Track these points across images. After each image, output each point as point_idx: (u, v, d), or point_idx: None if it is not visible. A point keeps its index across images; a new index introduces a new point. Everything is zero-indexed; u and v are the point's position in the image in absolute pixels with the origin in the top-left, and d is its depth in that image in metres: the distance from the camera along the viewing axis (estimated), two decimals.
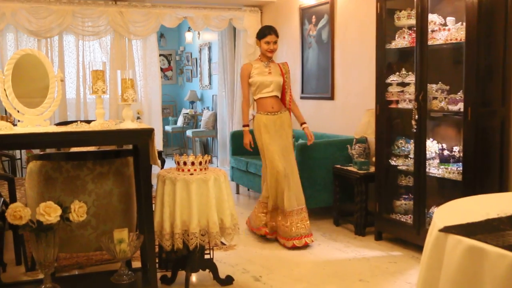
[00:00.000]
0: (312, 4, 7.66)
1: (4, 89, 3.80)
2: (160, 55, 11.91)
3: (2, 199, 4.55)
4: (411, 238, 5.19)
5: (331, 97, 7.35)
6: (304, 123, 5.92)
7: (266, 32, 5.66)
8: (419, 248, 5.06)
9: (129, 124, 3.95)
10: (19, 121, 3.90)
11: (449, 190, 4.96)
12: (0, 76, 3.81)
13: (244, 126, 5.86)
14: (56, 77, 3.97)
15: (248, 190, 8.16)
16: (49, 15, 8.01)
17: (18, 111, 3.85)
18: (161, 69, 12.26)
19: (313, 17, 7.69)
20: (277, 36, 5.73)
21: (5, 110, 3.98)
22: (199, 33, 11.89)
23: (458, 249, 2.07)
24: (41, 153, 4.82)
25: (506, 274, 1.88)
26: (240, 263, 4.99)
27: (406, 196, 5.44)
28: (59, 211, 3.69)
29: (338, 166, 6.24)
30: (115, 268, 4.17)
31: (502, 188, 4.73)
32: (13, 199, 4.60)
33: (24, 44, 8.23)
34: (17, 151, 7.63)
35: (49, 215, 3.66)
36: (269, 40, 5.61)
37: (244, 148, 7.99)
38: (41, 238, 3.73)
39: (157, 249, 4.19)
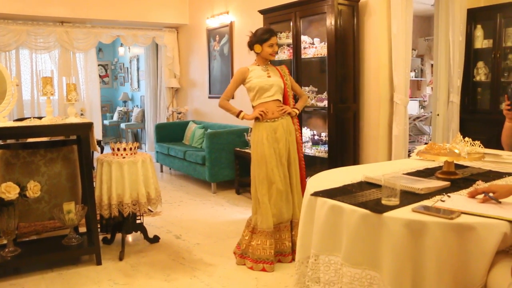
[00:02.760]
0: (216, 27, 7.66)
1: None
2: (99, 65, 11.50)
3: None
4: None
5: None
6: (294, 107, 4.07)
7: (268, 36, 3.97)
8: None
9: (73, 119, 3.86)
10: None
11: (319, 165, 5.09)
12: None
13: (239, 113, 4.10)
14: (12, 82, 3.82)
15: (170, 169, 8.09)
16: (8, 33, 7.70)
17: None
18: (100, 76, 11.85)
19: (217, 36, 7.69)
20: (277, 37, 4.17)
21: None
22: (129, 48, 11.64)
23: (324, 208, 2.14)
24: (2, 143, 4.60)
25: (357, 223, 1.98)
26: (165, 226, 4.96)
27: None
28: (17, 190, 3.59)
29: (238, 149, 6.29)
30: (65, 233, 4.08)
31: (355, 162, 4.94)
32: None
33: None
34: None
35: (9, 192, 3.54)
36: (273, 43, 3.98)
37: (166, 136, 8.00)
38: (3, 212, 3.61)
39: (98, 217, 4.10)
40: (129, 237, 4.54)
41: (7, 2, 7.18)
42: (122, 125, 11.70)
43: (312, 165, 5.17)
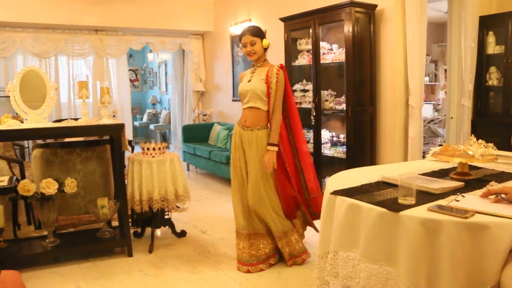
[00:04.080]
0: (239, 34, 7.65)
1: (14, 96, 3.70)
2: (130, 70, 11.69)
3: (15, 177, 4.42)
4: None
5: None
6: (271, 144, 3.42)
7: (240, 35, 3.58)
8: None
9: (106, 121, 3.91)
10: (25, 119, 3.81)
11: (337, 165, 5.06)
12: (11, 86, 3.71)
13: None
14: (52, 86, 3.88)
15: (196, 168, 8.13)
16: (48, 42, 7.87)
17: (24, 112, 3.75)
18: (130, 80, 11.99)
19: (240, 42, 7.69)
20: (254, 35, 3.49)
21: (15, 111, 3.86)
22: (158, 54, 11.72)
23: (343, 206, 2.14)
24: (42, 142, 4.70)
25: (374, 221, 1.98)
26: (191, 221, 4.97)
27: None
28: (56, 185, 3.66)
29: None
30: (99, 227, 4.14)
31: (372, 163, 4.90)
32: (23, 177, 4.50)
33: (30, 63, 8.02)
34: (25, 141, 7.38)
35: (49, 188, 3.62)
36: (244, 42, 3.49)
37: (192, 136, 8.03)
38: (44, 205, 3.68)
39: (129, 212, 4.16)
40: (158, 231, 4.58)
41: (48, 13, 7.32)
42: (151, 126, 11.82)
43: (330, 165, 5.15)
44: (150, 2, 8.11)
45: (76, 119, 4.12)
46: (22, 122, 3.81)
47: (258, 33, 3.52)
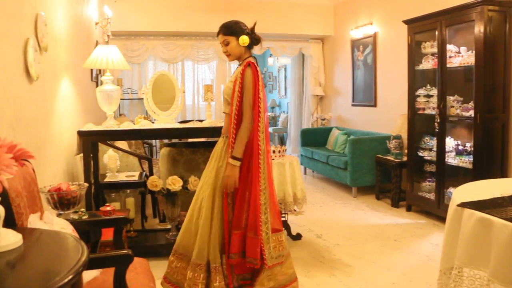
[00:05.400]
0: (360, 37, 7.58)
1: (147, 98, 4.02)
2: None
3: (144, 173, 4.77)
4: (433, 210, 5.10)
5: (374, 105, 7.26)
6: (232, 157, 2.87)
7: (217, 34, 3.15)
8: (439, 217, 4.99)
9: None
10: (155, 120, 4.13)
11: (462, 176, 4.79)
12: (145, 90, 4.05)
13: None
14: (180, 90, 4.15)
15: (313, 172, 8.17)
16: (175, 48, 8.43)
17: (155, 113, 4.06)
18: None
19: (361, 46, 7.61)
20: (226, 34, 3.11)
21: (146, 112, 4.19)
22: (277, 58, 11.96)
23: (471, 220, 2.04)
24: (169, 142, 5.02)
25: (508, 239, 1.85)
26: (307, 225, 5.01)
27: (430, 179, 5.32)
28: (181, 183, 3.91)
29: (380, 155, 6.17)
30: None
31: (503, 175, 4.57)
32: (151, 173, 4.80)
33: (159, 68, 8.77)
34: (153, 140, 8.00)
35: (175, 185, 3.88)
36: (219, 42, 3.15)
37: (310, 140, 8.09)
38: (169, 200, 3.96)
39: None
40: None
41: (177, 22, 7.87)
42: (270, 129, 12.07)
43: (455, 175, 4.89)
44: (271, 8, 8.32)
45: (200, 121, 4.35)
46: (152, 123, 4.13)
47: (231, 31, 3.10)
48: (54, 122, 3.38)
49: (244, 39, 3.07)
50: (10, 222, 1.68)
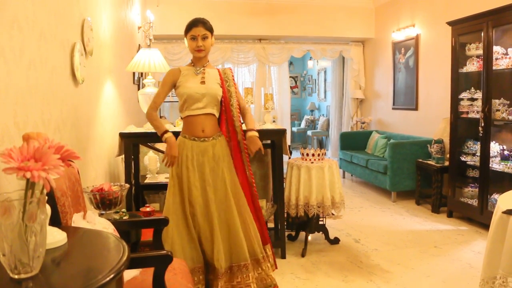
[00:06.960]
0: (402, 40, 7.46)
1: None
2: (290, 77, 12.06)
3: None
4: (475, 217, 4.96)
5: (416, 108, 7.13)
6: (251, 129, 3.20)
7: (191, 25, 3.05)
8: (482, 224, 4.86)
9: (269, 125, 4.09)
10: None
11: (508, 182, 4.64)
12: None
13: (163, 133, 3.02)
14: None
15: (352, 175, 8.10)
16: (216, 51, 8.52)
17: None
18: (290, 87, 12.41)
19: (402, 49, 7.49)
20: (207, 29, 3.06)
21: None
22: (317, 61, 11.95)
23: None
24: None
25: None
26: (345, 229, 4.98)
27: (473, 185, 5.19)
28: None
29: (420, 160, 6.05)
30: None
31: None
32: None
33: None
34: None
35: None
36: (195, 34, 3.02)
37: (349, 144, 8.03)
38: None
39: (285, 215, 4.30)
40: (311, 236, 4.64)
41: (218, 25, 7.76)
42: (309, 132, 12.07)
43: (500, 181, 4.75)
44: (311, 11, 8.31)
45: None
46: None
47: (210, 28, 3.09)
48: (97, 124, 3.48)
49: (213, 40, 3.17)
50: (56, 221, 1.75)
